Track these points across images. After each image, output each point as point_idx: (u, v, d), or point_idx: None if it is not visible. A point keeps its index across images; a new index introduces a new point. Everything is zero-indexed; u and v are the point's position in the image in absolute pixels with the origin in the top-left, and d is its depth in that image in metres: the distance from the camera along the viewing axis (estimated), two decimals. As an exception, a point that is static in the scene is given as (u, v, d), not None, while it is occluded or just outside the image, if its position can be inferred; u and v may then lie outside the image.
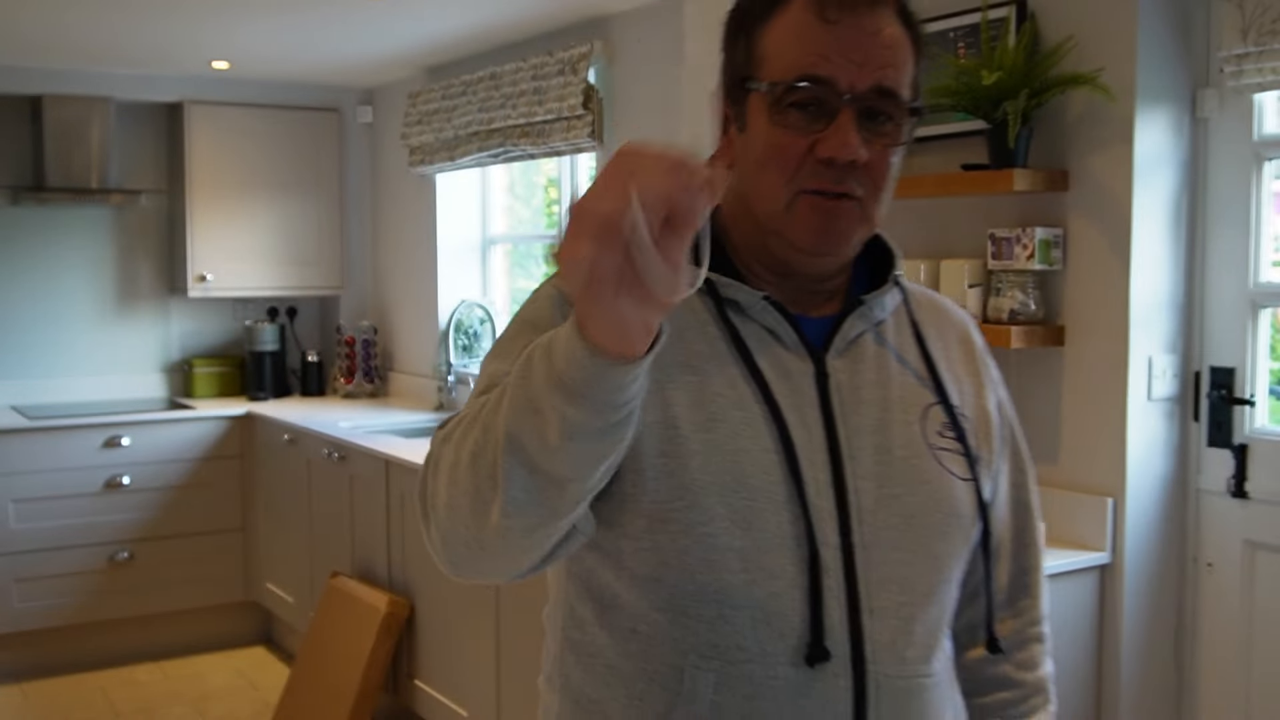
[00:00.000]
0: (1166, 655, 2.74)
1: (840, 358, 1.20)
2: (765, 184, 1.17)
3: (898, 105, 1.18)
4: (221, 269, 5.44)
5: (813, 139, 1.14)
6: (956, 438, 1.22)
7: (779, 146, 1.15)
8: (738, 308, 1.19)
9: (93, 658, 5.03)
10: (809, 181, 1.14)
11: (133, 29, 4.42)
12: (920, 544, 1.17)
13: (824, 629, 1.11)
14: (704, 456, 1.11)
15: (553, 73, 4.26)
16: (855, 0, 1.15)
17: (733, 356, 1.16)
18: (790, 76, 1.14)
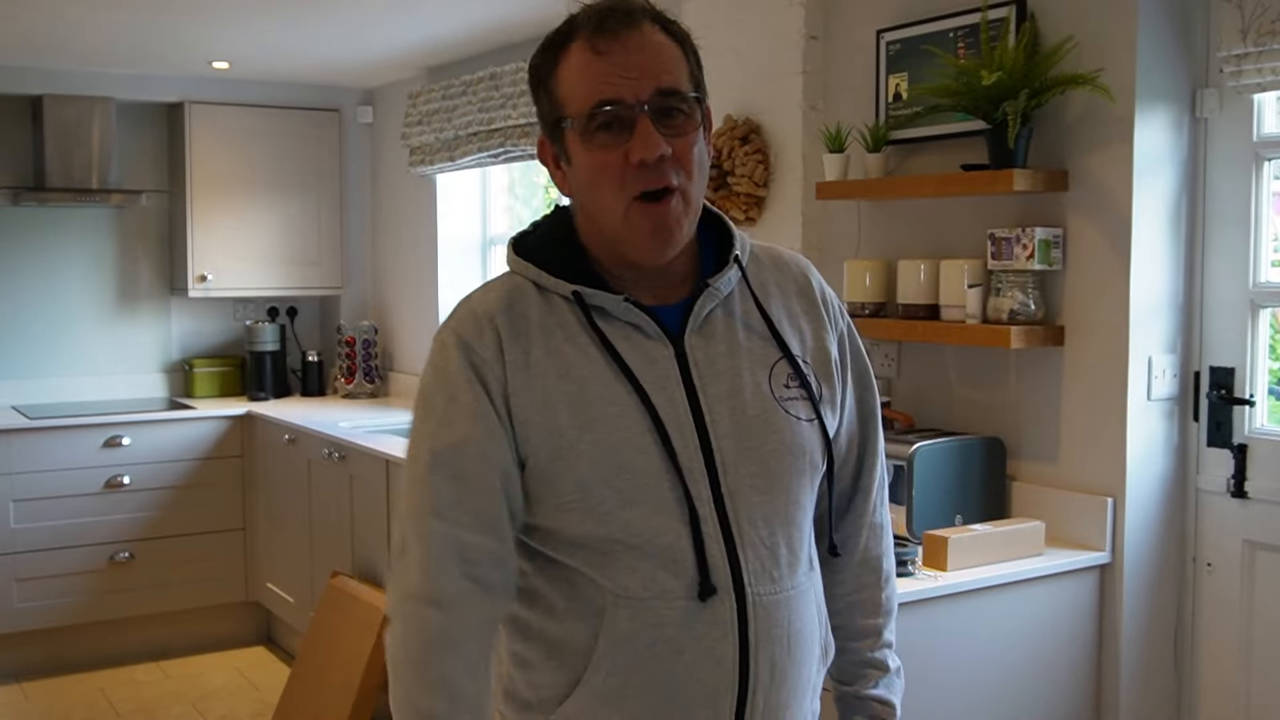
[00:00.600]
0: (1166, 655, 2.74)
1: (695, 335, 1.43)
2: (601, 200, 1.38)
3: (682, 99, 1.38)
4: (222, 269, 5.44)
5: (624, 150, 1.35)
6: (800, 385, 1.45)
7: (600, 165, 1.37)
8: (603, 313, 1.40)
9: (93, 658, 5.03)
10: (634, 186, 1.35)
11: (133, 29, 4.42)
12: (775, 483, 1.41)
13: (709, 568, 1.36)
14: (590, 455, 1.35)
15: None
16: (615, 29, 1.36)
17: (604, 359, 1.38)
18: (587, 107, 1.35)
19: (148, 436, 5.05)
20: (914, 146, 3.06)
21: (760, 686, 1.39)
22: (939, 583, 2.43)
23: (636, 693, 1.37)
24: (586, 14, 1.39)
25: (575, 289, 1.41)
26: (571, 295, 1.41)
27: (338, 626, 4.22)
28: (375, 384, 5.67)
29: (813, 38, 3.29)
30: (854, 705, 1.61)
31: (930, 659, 2.42)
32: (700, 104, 1.40)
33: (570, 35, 1.40)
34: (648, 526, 1.36)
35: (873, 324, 2.99)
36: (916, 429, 2.92)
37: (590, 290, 1.41)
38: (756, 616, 1.38)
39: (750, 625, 1.38)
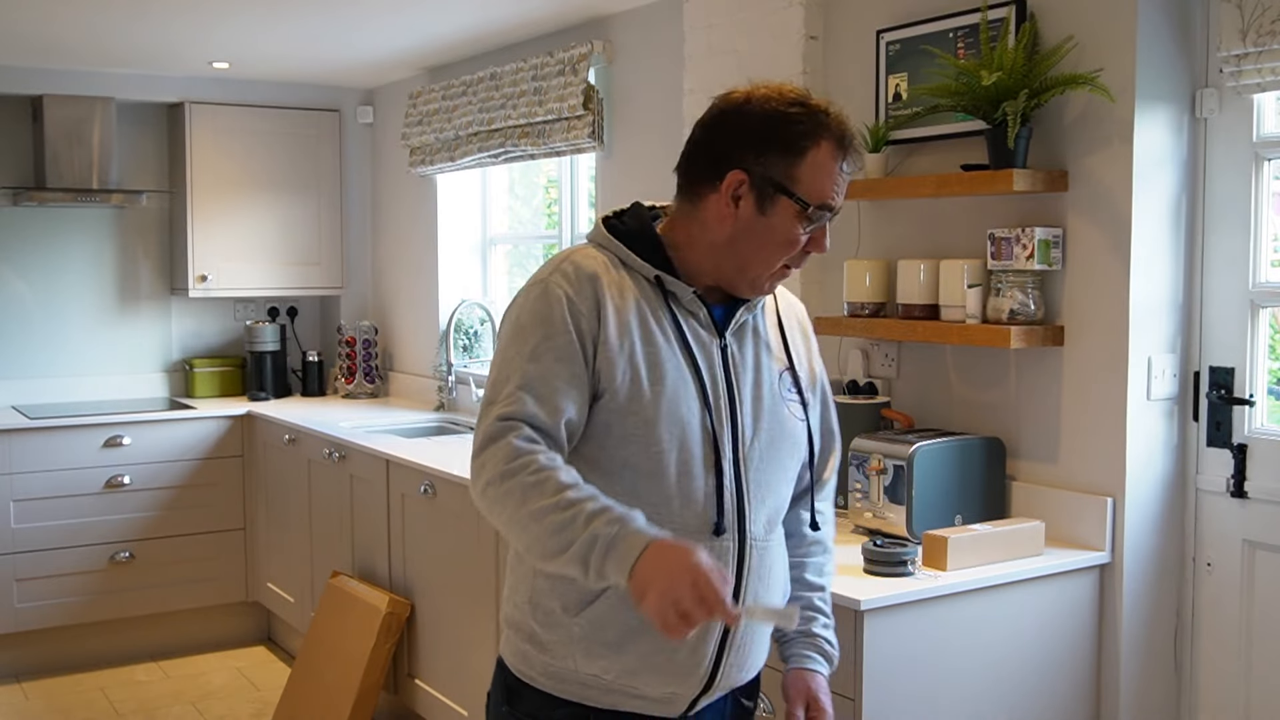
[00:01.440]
0: (1166, 655, 2.74)
1: (733, 335, 1.81)
2: (766, 256, 1.75)
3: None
4: (222, 269, 5.44)
5: (808, 240, 1.75)
6: (797, 392, 1.86)
7: (794, 241, 1.74)
8: (675, 298, 1.77)
9: (93, 658, 5.03)
10: (790, 260, 1.76)
11: (133, 29, 4.43)
12: (776, 460, 1.80)
13: (724, 511, 1.73)
14: (657, 403, 1.70)
15: (553, 73, 4.26)
16: (855, 154, 1.74)
17: (674, 335, 1.75)
18: (817, 201, 1.72)
19: (148, 436, 5.05)
20: (914, 146, 3.06)
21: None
22: (939, 583, 2.43)
23: None
24: (834, 120, 1.72)
25: (658, 274, 1.76)
26: (654, 278, 1.76)
27: (338, 626, 4.22)
28: (375, 384, 5.67)
29: (813, 38, 3.30)
30: (803, 643, 1.92)
31: (930, 659, 2.43)
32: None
33: (823, 129, 1.71)
34: (687, 469, 1.70)
35: (873, 324, 2.99)
36: (916, 429, 2.92)
37: (670, 278, 1.76)
38: (751, 555, 1.76)
39: (746, 561, 1.76)
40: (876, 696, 2.34)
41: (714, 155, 1.74)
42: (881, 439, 2.78)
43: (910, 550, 2.47)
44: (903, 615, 2.38)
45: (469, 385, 4.98)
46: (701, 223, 1.76)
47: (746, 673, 1.85)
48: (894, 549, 2.46)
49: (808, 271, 3.32)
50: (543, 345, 1.68)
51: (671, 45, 3.82)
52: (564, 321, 1.68)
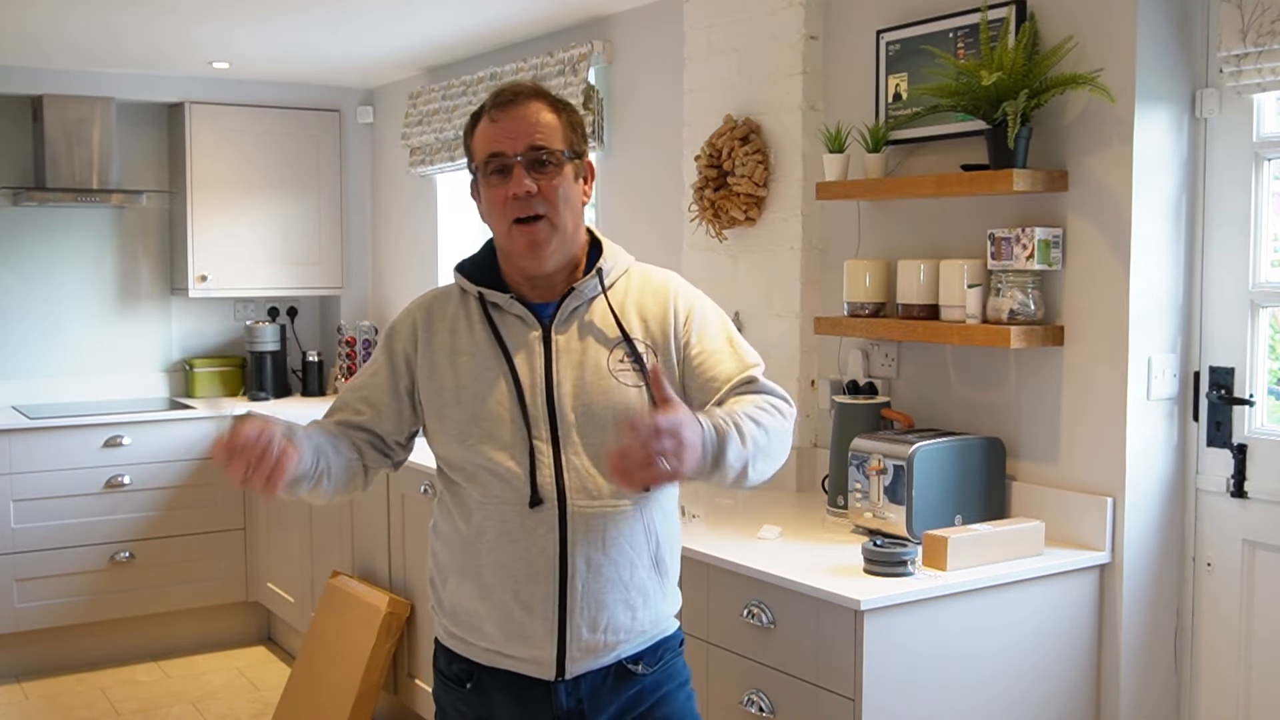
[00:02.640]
0: (1166, 655, 2.74)
1: (560, 325, 1.97)
2: (495, 225, 1.97)
3: (550, 154, 1.93)
4: (222, 269, 5.44)
5: (505, 189, 1.92)
6: (633, 360, 1.96)
7: (491, 199, 1.95)
8: (497, 308, 1.99)
9: (93, 658, 5.03)
10: (511, 213, 1.92)
11: (133, 29, 4.43)
12: (599, 429, 1.92)
13: (538, 486, 1.90)
14: (463, 404, 1.95)
15: (553, 73, 4.26)
16: (505, 103, 1.94)
17: (489, 339, 1.97)
18: (483, 157, 1.95)
19: (148, 436, 5.05)
20: (914, 146, 3.06)
21: (577, 574, 1.90)
22: (939, 583, 2.43)
23: (487, 570, 1.92)
24: (490, 95, 1.97)
25: (480, 290, 1.99)
26: (477, 295, 2.00)
27: (338, 626, 4.22)
28: (375, 384, 5.66)
29: (813, 38, 3.30)
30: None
31: (930, 659, 2.43)
32: (571, 159, 1.95)
33: (484, 108, 1.97)
34: (499, 455, 1.91)
35: (873, 324, 2.99)
36: (916, 429, 2.92)
37: (489, 290, 1.99)
38: (573, 521, 1.90)
39: (569, 527, 1.90)
40: (876, 696, 2.34)
41: None
42: (881, 439, 2.78)
43: (910, 550, 2.46)
44: (903, 615, 2.38)
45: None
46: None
47: (607, 633, 1.92)
48: (894, 549, 2.46)
49: (808, 271, 3.32)
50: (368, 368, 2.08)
51: (671, 45, 3.82)
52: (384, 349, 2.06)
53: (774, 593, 2.50)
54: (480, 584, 1.93)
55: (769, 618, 2.51)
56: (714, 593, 2.66)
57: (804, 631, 2.44)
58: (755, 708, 2.54)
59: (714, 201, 3.46)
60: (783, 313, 3.38)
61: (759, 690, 2.53)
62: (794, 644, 2.47)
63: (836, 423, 3.02)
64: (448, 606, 2.00)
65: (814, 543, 2.75)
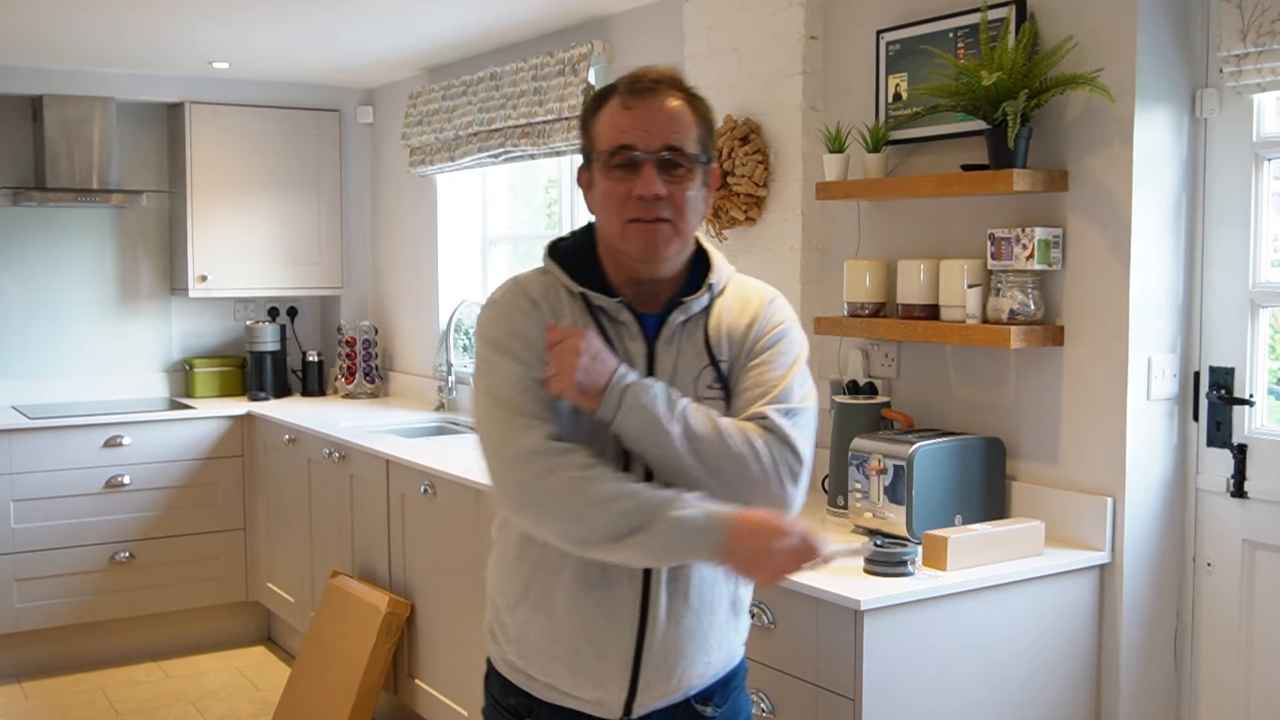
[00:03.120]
0: (1166, 655, 2.74)
1: (662, 340, 1.84)
2: (607, 219, 1.82)
3: (685, 156, 1.78)
4: (222, 269, 5.44)
5: (629, 185, 1.77)
6: (720, 387, 1.85)
7: (610, 192, 1.80)
8: (604, 312, 1.84)
9: (93, 658, 5.03)
10: (631, 212, 1.77)
11: (133, 29, 4.43)
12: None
13: None
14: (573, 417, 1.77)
15: (553, 73, 4.26)
16: (643, 91, 1.78)
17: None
18: (609, 147, 1.79)
19: (148, 436, 5.05)
20: (914, 146, 3.06)
21: (657, 625, 1.79)
22: (939, 583, 2.43)
23: (561, 612, 1.80)
24: (626, 76, 1.81)
25: (583, 291, 1.83)
26: (579, 295, 1.83)
27: (338, 626, 4.22)
28: (375, 384, 5.67)
29: (813, 38, 3.30)
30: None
31: (930, 659, 2.43)
32: (702, 164, 1.81)
33: (611, 90, 1.81)
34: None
35: (873, 324, 2.99)
36: (916, 429, 2.92)
37: (594, 294, 1.83)
38: (659, 574, 1.78)
39: (653, 579, 1.78)
40: (876, 696, 2.34)
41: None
42: (881, 439, 2.78)
43: (910, 550, 2.46)
44: (903, 615, 2.38)
45: (469, 385, 4.98)
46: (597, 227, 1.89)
47: (681, 681, 1.83)
48: (894, 549, 2.46)
49: (808, 271, 3.32)
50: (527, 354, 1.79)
51: (671, 45, 3.82)
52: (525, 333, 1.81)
53: (774, 593, 2.50)
54: (553, 623, 1.81)
55: (769, 618, 2.51)
56: (714, 593, 2.66)
57: (804, 631, 2.44)
58: (755, 708, 2.53)
59: (714, 201, 3.46)
60: (783, 313, 3.37)
61: (759, 690, 2.53)
62: (794, 644, 2.47)
63: (836, 423, 3.02)
64: (512, 634, 1.88)
65: (814, 543, 2.75)
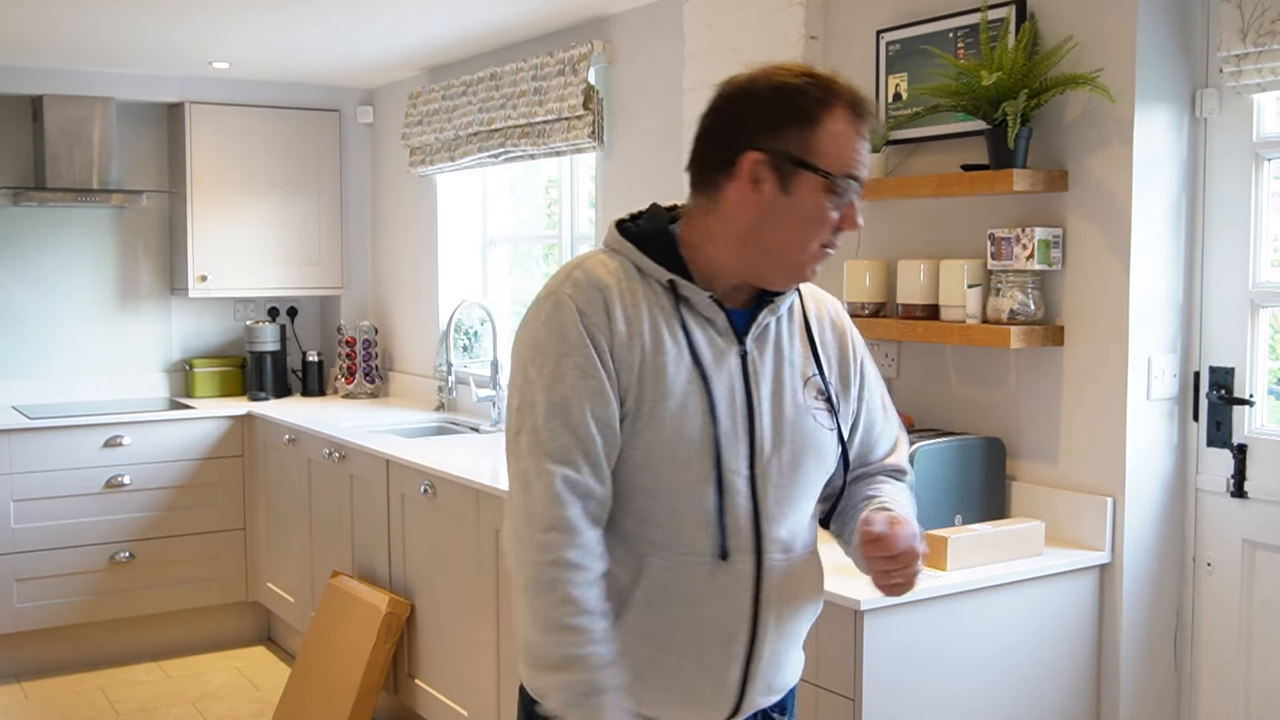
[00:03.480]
0: (1166, 655, 2.74)
1: (754, 341, 1.70)
2: (801, 239, 1.64)
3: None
4: (222, 269, 5.44)
5: (839, 216, 1.64)
6: (826, 399, 1.74)
7: (824, 219, 1.63)
8: (688, 303, 1.66)
9: (93, 658, 5.03)
10: (829, 240, 1.66)
11: (133, 29, 4.43)
12: (798, 473, 1.69)
13: (729, 532, 1.63)
14: (661, 420, 1.61)
15: (553, 73, 4.26)
16: (868, 118, 1.64)
17: (686, 343, 1.64)
18: (841, 172, 1.61)
19: (148, 436, 5.05)
20: (914, 146, 3.06)
21: (768, 634, 1.68)
22: (939, 583, 2.43)
23: (667, 631, 1.64)
24: (845, 88, 1.64)
25: (672, 278, 1.65)
26: (667, 283, 1.65)
27: (338, 626, 4.22)
28: (375, 384, 5.67)
29: (813, 38, 3.30)
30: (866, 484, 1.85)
31: (930, 659, 2.43)
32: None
33: (835, 95, 1.62)
34: (691, 490, 1.62)
35: (873, 324, 2.99)
36: (916, 429, 2.92)
37: (684, 282, 1.66)
38: (770, 578, 1.66)
39: (764, 584, 1.66)
40: (876, 696, 2.34)
41: (726, 141, 1.63)
42: (881, 439, 2.78)
43: (910, 550, 2.46)
44: (903, 615, 2.38)
45: (469, 385, 4.98)
46: (722, 215, 1.64)
47: (775, 694, 1.77)
48: (894, 549, 2.46)
49: (808, 271, 3.31)
50: (564, 363, 1.59)
51: (671, 45, 3.82)
52: (579, 336, 1.60)
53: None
54: (651, 645, 1.64)
55: (769, 618, 2.51)
56: (714, 593, 2.66)
57: (804, 631, 2.44)
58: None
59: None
60: (783, 313, 3.37)
61: (759, 690, 2.53)
62: (794, 644, 2.47)
63: (836, 423, 3.02)
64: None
65: (814, 543, 2.75)
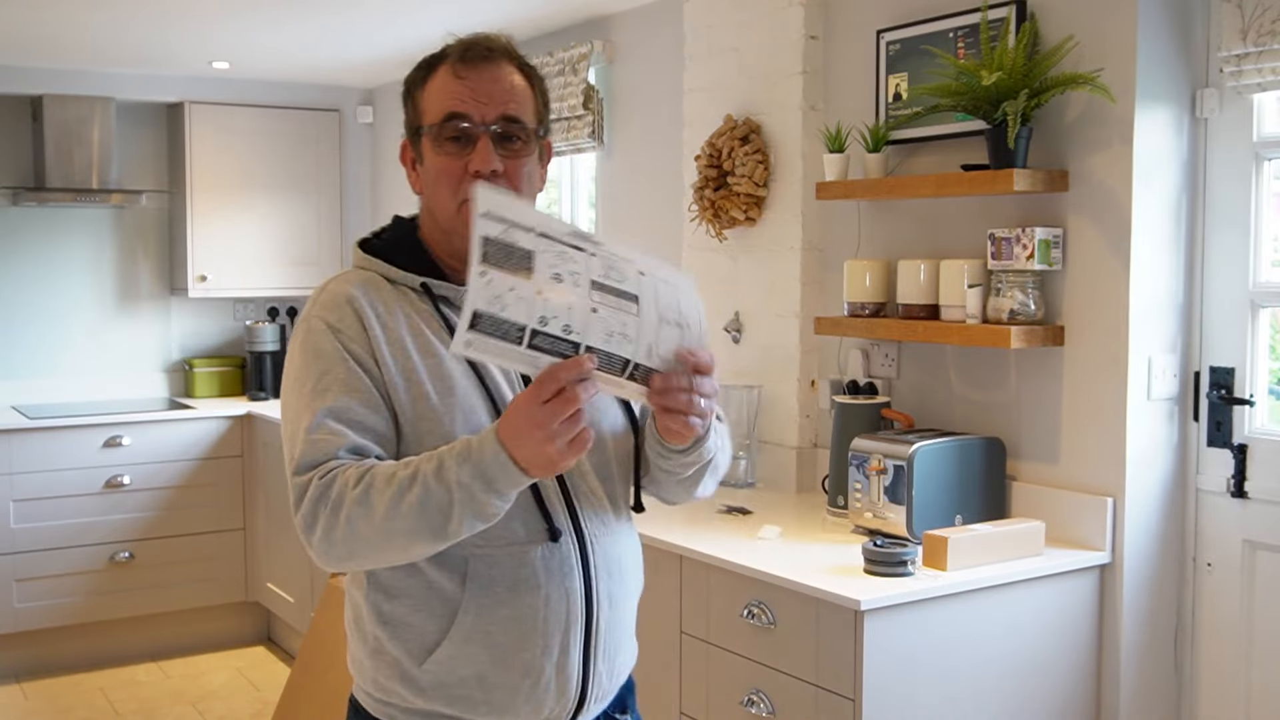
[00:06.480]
0: (1166, 655, 2.74)
1: None
2: (440, 198, 1.64)
3: (523, 129, 1.64)
4: (221, 269, 5.44)
5: (465, 160, 1.61)
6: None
7: (443, 169, 1.63)
8: (447, 301, 1.64)
9: (93, 658, 5.03)
10: (466, 191, 1.56)
11: (133, 29, 4.42)
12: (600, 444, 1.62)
13: (550, 514, 1.59)
14: (451, 414, 1.56)
15: (553, 73, 4.26)
16: (476, 60, 1.64)
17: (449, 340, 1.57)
18: (440, 118, 1.62)
19: (148, 436, 5.05)
20: (914, 146, 3.05)
21: (602, 613, 1.63)
22: (939, 583, 2.43)
23: (499, 629, 1.57)
24: (457, 44, 1.67)
25: (424, 280, 1.65)
26: (420, 286, 1.64)
27: (338, 626, 4.22)
28: (375, 384, 5.67)
29: (813, 38, 3.30)
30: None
31: (930, 659, 2.43)
32: (539, 138, 1.67)
33: (441, 58, 1.67)
34: None
35: (873, 324, 2.99)
36: (916, 429, 2.92)
37: (436, 281, 1.65)
38: (595, 554, 1.62)
39: (591, 560, 1.62)
40: (876, 696, 2.34)
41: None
42: (881, 439, 2.78)
43: (910, 550, 2.46)
44: (903, 615, 2.38)
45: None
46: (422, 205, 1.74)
47: (618, 678, 1.70)
48: (894, 549, 2.46)
49: (808, 271, 3.32)
50: (324, 381, 1.56)
51: (671, 45, 3.82)
52: (337, 351, 1.57)
53: (774, 593, 2.50)
54: (490, 646, 1.57)
55: (769, 618, 2.51)
56: (714, 593, 2.66)
57: (804, 631, 2.44)
58: (755, 708, 2.53)
59: (714, 201, 3.46)
60: (783, 313, 3.37)
61: (759, 690, 2.53)
62: (794, 644, 2.46)
63: (837, 423, 3.02)
64: (429, 682, 1.59)
65: (814, 543, 2.75)
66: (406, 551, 1.49)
